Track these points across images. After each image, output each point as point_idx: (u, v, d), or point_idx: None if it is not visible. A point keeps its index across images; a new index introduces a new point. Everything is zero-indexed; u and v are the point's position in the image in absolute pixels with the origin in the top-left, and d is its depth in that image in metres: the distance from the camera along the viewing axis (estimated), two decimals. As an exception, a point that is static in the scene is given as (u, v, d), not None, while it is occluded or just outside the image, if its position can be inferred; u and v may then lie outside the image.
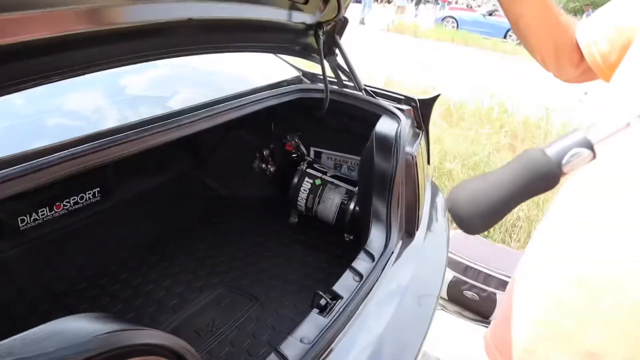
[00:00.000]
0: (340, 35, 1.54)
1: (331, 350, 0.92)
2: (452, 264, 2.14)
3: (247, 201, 1.98)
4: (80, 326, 0.54)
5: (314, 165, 1.78)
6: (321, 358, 0.89)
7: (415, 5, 19.10)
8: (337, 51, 1.57)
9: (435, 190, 1.72)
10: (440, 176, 3.38)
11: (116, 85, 1.45)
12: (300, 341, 0.91)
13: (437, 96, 1.51)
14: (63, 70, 0.91)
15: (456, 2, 21.22)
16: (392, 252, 1.23)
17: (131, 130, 1.10)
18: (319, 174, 1.73)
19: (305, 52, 1.53)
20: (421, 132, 1.53)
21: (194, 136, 1.25)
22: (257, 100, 1.42)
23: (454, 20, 15.31)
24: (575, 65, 0.81)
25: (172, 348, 0.59)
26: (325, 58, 1.52)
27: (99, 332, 0.52)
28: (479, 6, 19.07)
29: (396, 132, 1.33)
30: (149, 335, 0.57)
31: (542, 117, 4.65)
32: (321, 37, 1.42)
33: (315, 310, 1.01)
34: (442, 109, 4.73)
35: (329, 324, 0.96)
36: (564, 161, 0.43)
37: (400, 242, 1.31)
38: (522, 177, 0.43)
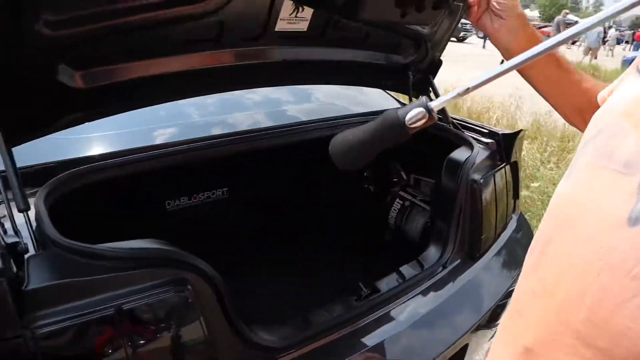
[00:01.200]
0: (434, 75, 1.72)
1: (352, 329, 1.11)
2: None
3: (346, 215, 2.21)
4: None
5: (406, 188, 1.95)
6: (338, 332, 1.08)
7: (604, 44, 17.33)
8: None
9: (521, 224, 1.75)
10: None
11: (243, 102, 1.86)
12: (328, 311, 1.11)
13: (520, 131, 1.59)
14: (202, 89, 1.32)
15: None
16: (443, 267, 1.36)
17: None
18: (409, 197, 1.90)
19: (397, 87, 1.74)
20: (504, 165, 1.61)
21: (306, 148, 1.57)
22: (349, 122, 1.68)
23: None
24: None
25: (206, 272, 0.86)
26: (417, 94, 1.72)
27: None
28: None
29: (466, 159, 1.46)
30: (190, 257, 0.86)
31: None
32: (410, 76, 1.63)
33: (353, 297, 1.20)
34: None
35: (358, 308, 1.15)
36: (407, 117, 0.61)
37: (458, 261, 1.42)
38: (379, 126, 0.63)
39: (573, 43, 17.20)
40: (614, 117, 0.60)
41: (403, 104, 2.04)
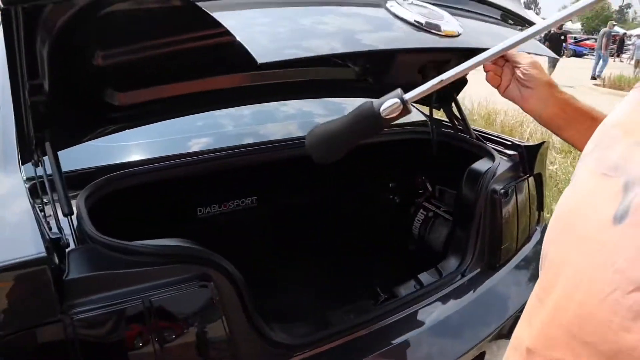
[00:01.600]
0: (458, 91, 1.76)
1: (368, 331, 1.15)
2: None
3: (371, 224, 2.25)
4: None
5: (431, 199, 1.98)
6: (354, 333, 1.13)
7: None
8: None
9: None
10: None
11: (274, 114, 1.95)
12: (345, 313, 1.16)
13: (542, 143, 1.60)
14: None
15: None
16: (462, 275, 1.38)
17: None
18: (433, 208, 1.93)
19: (420, 100, 1.78)
20: (527, 177, 1.62)
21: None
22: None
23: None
24: None
25: (228, 269, 0.93)
26: (441, 108, 1.76)
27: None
28: None
29: (486, 170, 1.48)
30: (214, 255, 0.92)
31: None
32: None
33: (371, 301, 1.25)
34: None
35: (375, 311, 1.19)
36: (382, 108, 0.63)
37: (478, 271, 1.44)
38: (355, 118, 0.64)
39: (618, 55, 16.72)
40: (607, 129, 0.64)
41: (426, 115, 2.09)
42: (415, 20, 0.94)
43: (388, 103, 0.63)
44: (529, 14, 1.30)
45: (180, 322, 0.88)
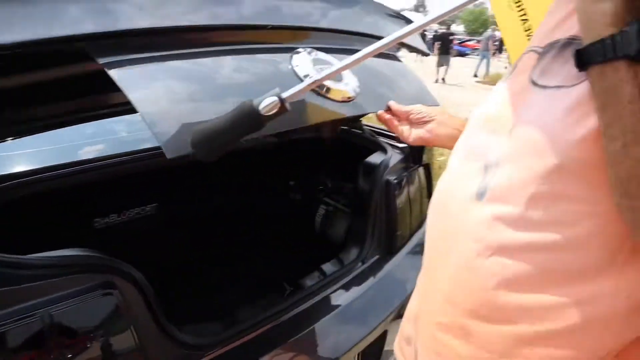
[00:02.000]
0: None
1: (275, 324, 1.19)
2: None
3: (275, 223, 2.30)
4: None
5: (330, 195, 2.07)
6: (263, 327, 1.16)
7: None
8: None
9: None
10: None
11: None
12: (254, 309, 1.19)
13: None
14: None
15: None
16: (362, 262, 1.47)
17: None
18: (333, 202, 2.01)
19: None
20: (416, 167, 1.76)
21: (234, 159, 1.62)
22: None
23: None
24: None
25: (132, 274, 0.92)
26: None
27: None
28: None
29: (380, 162, 1.59)
30: (116, 262, 0.91)
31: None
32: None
33: (279, 295, 1.29)
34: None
35: (281, 305, 1.23)
36: (262, 106, 0.66)
37: (376, 257, 1.54)
38: (236, 115, 0.67)
39: (493, 54, 18.48)
40: (474, 119, 0.75)
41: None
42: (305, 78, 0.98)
43: (267, 101, 0.66)
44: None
45: (87, 334, 0.85)
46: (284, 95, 0.66)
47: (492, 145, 0.66)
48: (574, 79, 0.55)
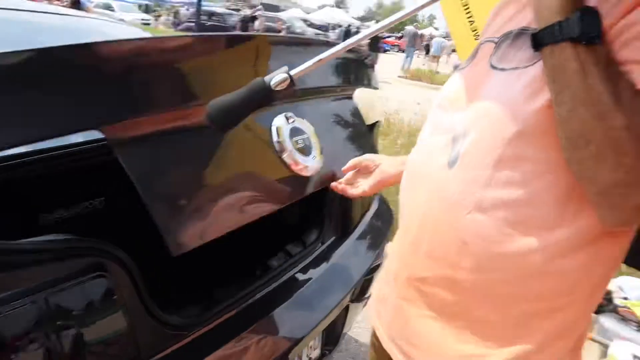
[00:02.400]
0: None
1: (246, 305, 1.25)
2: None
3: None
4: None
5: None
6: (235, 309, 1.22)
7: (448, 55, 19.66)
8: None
9: (382, 205, 2.04)
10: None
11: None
12: (228, 291, 1.24)
13: (377, 122, 1.87)
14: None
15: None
16: (322, 243, 1.57)
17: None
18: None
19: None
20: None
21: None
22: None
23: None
24: None
25: (121, 258, 0.94)
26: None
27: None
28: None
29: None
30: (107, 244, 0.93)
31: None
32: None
33: (250, 277, 1.35)
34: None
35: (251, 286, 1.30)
36: (273, 81, 0.72)
37: (333, 238, 1.64)
38: (249, 90, 0.73)
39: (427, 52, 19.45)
40: (439, 100, 0.87)
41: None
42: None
43: (278, 77, 0.72)
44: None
45: (79, 317, 0.86)
46: (292, 72, 0.73)
47: (457, 120, 0.78)
48: (528, 61, 0.70)
